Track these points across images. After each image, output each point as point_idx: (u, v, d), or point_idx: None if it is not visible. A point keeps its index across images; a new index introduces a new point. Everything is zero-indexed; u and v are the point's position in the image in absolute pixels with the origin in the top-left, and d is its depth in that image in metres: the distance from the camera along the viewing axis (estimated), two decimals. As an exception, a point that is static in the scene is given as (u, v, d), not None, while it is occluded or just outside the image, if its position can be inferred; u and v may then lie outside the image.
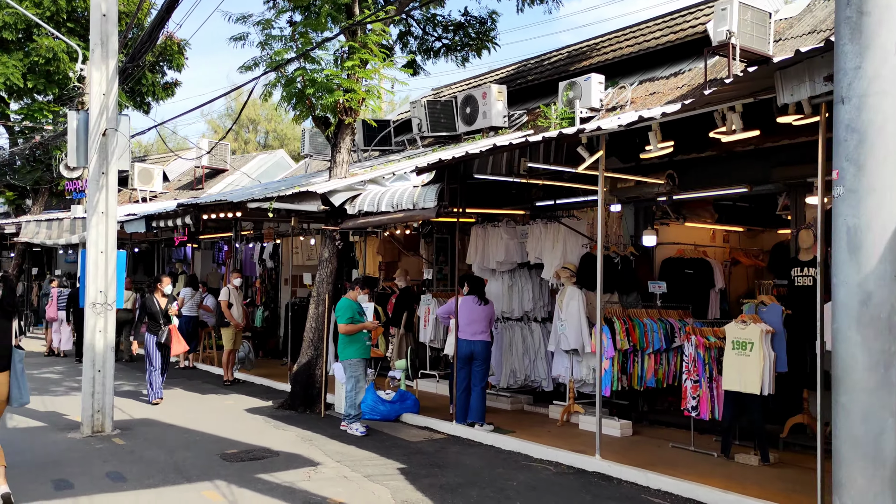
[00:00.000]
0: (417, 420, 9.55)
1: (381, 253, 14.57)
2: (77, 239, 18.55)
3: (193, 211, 13.19)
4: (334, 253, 10.61)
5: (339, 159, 10.76)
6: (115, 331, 8.99)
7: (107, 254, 8.89)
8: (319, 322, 10.38)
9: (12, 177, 21.55)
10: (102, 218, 8.90)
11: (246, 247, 19.72)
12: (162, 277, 11.32)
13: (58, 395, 11.59)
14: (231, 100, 41.76)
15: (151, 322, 10.88)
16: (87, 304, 8.81)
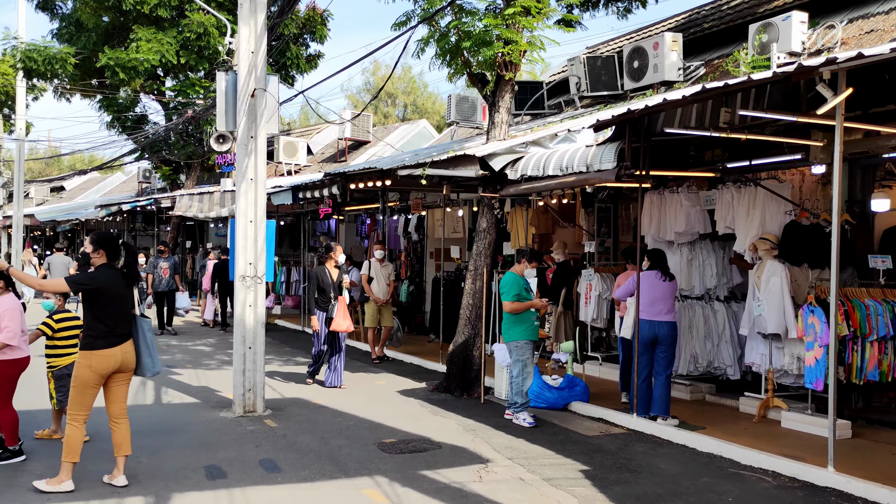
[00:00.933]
0: (588, 410, 8.45)
1: (535, 224, 13.46)
2: (227, 212, 18.65)
3: (341, 180, 12.60)
4: (493, 223, 9.63)
5: (497, 119, 9.72)
6: (263, 305, 8.44)
7: (256, 223, 8.32)
8: (477, 298, 9.45)
9: (168, 152, 22.03)
10: (251, 185, 8.32)
11: (390, 219, 19.20)
12: (335, 246, 10.22)
13: (210, 368, 11.35)
14: (370, 74, 41.76)
15: (321, 296, 9.86)
16: (237, 276, 8.28)
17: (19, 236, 25.40)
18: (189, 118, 18.85)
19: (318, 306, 9.82)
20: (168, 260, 15.49)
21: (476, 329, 9.42)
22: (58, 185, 39.90)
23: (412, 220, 17.88)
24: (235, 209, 8.40)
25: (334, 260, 10.00)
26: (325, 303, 9.82)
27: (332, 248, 10.13)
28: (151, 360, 5.87)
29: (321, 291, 9.83)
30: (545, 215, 13.62)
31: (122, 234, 28.10)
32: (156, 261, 15.37)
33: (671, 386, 7.84)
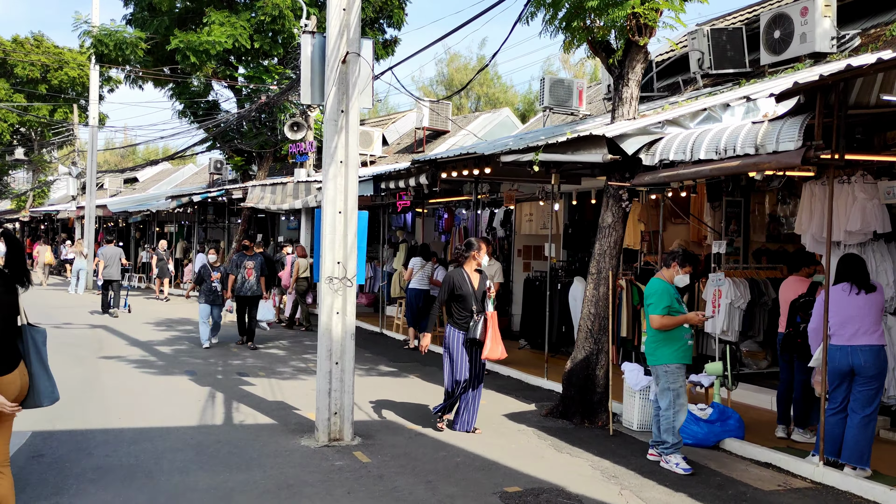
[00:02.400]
0: (749, 450, 6.77)
1: (644, 220, 11.77)
2: (300, 204, 17.46)
3: (430, 168, 11.16)
4: (620, 217, 8.01)
5: (626, 95, 8.09)
6: (354, 312, 7.01)
7: (346, 215, 6.91)
8: (601, 307, 7.86)
9: (240, 141, 21.01)
10: (341, 169, 6.90)
11: (473, 213, 17.72)
12: (476, 243, 7.56)
13: (285, 377, 10.05)
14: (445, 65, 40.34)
15: (457, 308, 7.37)
16: (322, 277, 6.89)
17: (91, 227, 24.85)
18: (262, 105, 17.71)
19: (454, 322, 7.37)
20: (254, 259, 12.84)
21: (600, 344, 7.83)
22: (131, 177, 39.73)
23: (498, 215, 16.35)
24: (322, 197, 7.00)
25: (476, 261, 7.52)
26: (465, 318, 7.32)
27: (472, 246, 7.54)
28: (50, 385, 4.33)
29: (457, 301, 7.37)
30: (655, 210, 11.90)
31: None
32: (239, 259, 12.86)
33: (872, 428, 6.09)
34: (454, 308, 7.37)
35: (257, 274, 12.71)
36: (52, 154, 39.44)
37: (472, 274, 7.43)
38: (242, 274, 12.61)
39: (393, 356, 12.02)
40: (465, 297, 7.32)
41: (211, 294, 12.32)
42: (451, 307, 7.39)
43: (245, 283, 12.60)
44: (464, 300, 7.33)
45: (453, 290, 7.35)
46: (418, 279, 12.78)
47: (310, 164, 18.77)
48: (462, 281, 7.37)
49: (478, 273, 7.49)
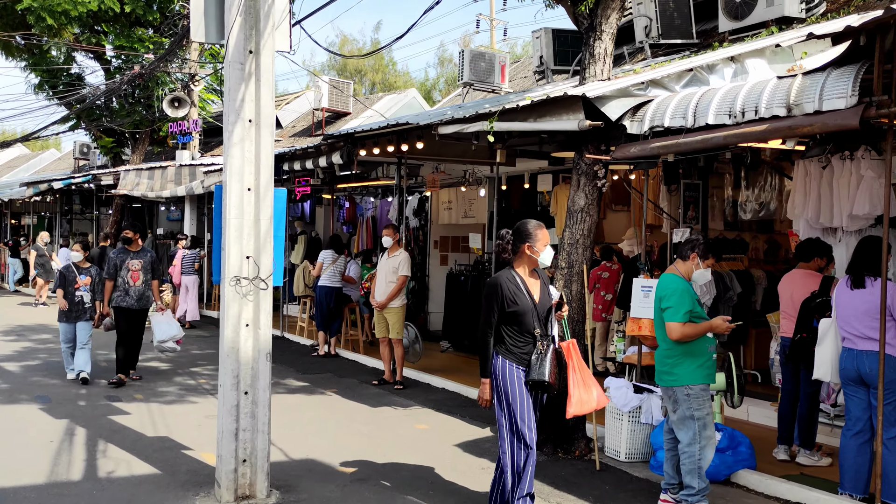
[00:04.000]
0: (769, 485, 5.45)
1: (583, 207, 10.39)
2: (183, 191, 15.14)
3: (345, 145, 9.35)
4: (595, 199, 6.53)
5: (598, 50, 6.61)
6: (269, 323, 5.18)
7: (258, 192, 5.06)
8: (575, 310, 6.36)
9: (109, 119, 18.28)
10: (250, 130, 5.05)
11: (382, 201, 15.98)
12: (534, 231, 4.70)
13: (168, 399, 7.99)
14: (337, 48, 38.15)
15: (512, 330, 4.58)
16: (225, 277, 5.02)
17: (-70, 219, 21.28)
18: (136, 76, 15.21)
19: (509, 353, 4.57)
20: (141, 256, 8.93)
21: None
22: (-19, 164, 35.23)
23: (411, 202, 14.69)
24: (224, 171, 5.11)
25: (531, 258, 4.69)
26: (524, 347, 4.57)
27: (525, 234, 4.71)
28: None
29: (511, 321, 4.57)
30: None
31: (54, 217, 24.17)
32: (120, 257, 8.83)
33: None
34: (506, 332, 4.57)
35: (146, 277, 8.90)
36: None
37: (529, 278, 4.68)
38: (125, 278, 8.76)
39: (302, 366, 10.15)
40: (522, 315, 4.52)
41: (75, 308, 8.81)
42: (502, 330, 4.58)
43: (130, 291, 8.76)
44: (521, 319, 4.52)
45: (504, 304, 4.53)
46: (329, 275, 10.94)
47: (194, 147, 16.42)
48: (516, 289, 4.56)
49: (536, 276, 4.75)
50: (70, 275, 8.85)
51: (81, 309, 8.81)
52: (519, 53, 34.97)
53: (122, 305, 8.75)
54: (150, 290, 8.93)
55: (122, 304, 8.74)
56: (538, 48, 11.68)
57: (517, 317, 4.53)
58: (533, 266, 4.74)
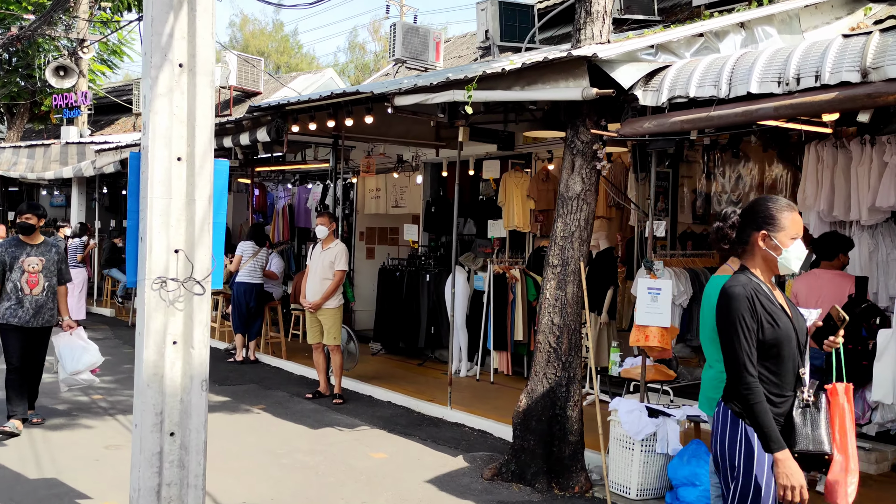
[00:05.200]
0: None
1: (534, 195, 9.47)
2: (70, 172, 13.13)
3: (274, 120, 7.92)
4: (593, 183, 5.45)
5: (596, 8, 5.52)
6: (206, 341, 3.81)
7: (192, 163, 3.68)
8: (570, 316, 5.28)
9: (-20, 90, 15.86)
10: (181, 77, 3.66)
11: (300, 188, 14.48)
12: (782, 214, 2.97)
13: (54, 423, 6.38)
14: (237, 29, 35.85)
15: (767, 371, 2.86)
16: (146, 279, 3.63)
17: None
18: (12, 39, 13.03)
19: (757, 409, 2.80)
20: (44, 251, 6.22)
21: (571, 369, 5.24)
22: None
23: (331, 190, 13.28)
24: (144, 133, 3.69)
25: (771, 256, 2.96)
26: (783, 403, 2.86)
27: (769, 219, 2.96)
28: None
29: (768, 357, 2.86)
30: (546, 183, 9.65)
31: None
32: (10, 252, 6.09)
33: None
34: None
35: (50, 282, 6.16)
36: None
37: (775, 291, 2.99)
38: (18, 282, 6.02)
39: (218, 375, 8.64)
40: (783, 346, 2.86)
41: None
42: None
43: (25, 302, 6.02)
44: (781, 353, 2.87)
45: (759, 330, 2.84)
46: (249, 270, 9.46)
47: (83, 122, 14.35)
48: (770, 304, 2.89)
49: (772, 283, 3.05)
50: None
51: None
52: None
53: (11, 323, 5.92)
54: (54, 301, 6.17)
55: (11, 320, 5.92)
56: (483, 21, 10.58)
57: (776, 349, 2.83)
58: (772, 268, 2.97)
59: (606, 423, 5.14)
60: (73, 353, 5.97)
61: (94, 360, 6.03)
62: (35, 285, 6.05)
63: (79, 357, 5.98)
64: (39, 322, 6.09)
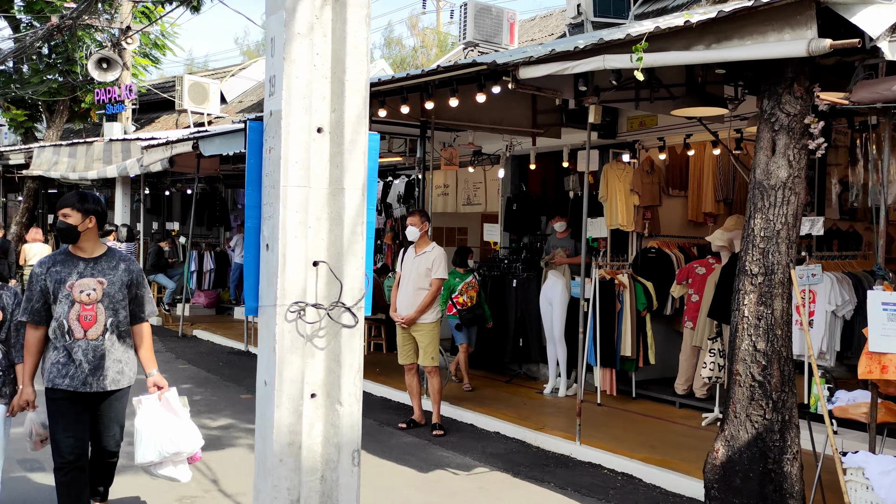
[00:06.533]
0: None
1: (638, 189, 8.23)
2: (115, 171, 12.10)
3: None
4: (802, 168, 4.22)
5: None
6: (360, 395, 2.65)
7: (341, 138, 2.52)
8: (781, 340, 4.05)
9: (19, 87, 14.88)
10: (324, 8, 2.50)
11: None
12: None
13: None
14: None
15: None
16: (273, 305, 2.47)
17: None
18: (52, 29, 12.01)
19: None
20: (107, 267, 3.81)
21: (784, 410, 3.99)
22: None
23: (397, 187, 12.14)
24: (274, 93, 2.53)
25: None
26: None
27: None
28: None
29: None
30: (650, 176, 8.43)
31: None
32: (57, 272, 3.72)
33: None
34: None
35: (117, 318, 3.83)
36: None
37: None
38: (66, 322, 3.70)
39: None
40: None
41: None
42: None
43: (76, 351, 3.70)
44: None
45: None
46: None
47: (126, 118, 13.33)
48: None
49: None
50: None
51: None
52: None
53: (59, 386, 3.69)
54: (125, 348, 3.85)
55: (59, 382, 3.69)
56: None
57: None
58: None
59: (831, 480, 3.90)
60: (158, 433, 3.79)
61: (189, 446, 3.86)
62: (91, 323, 3.68)
63: (167, 439, 3.79)
64: (102, 383, 3.72)
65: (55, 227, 3.99)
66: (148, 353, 3.93)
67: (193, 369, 8.70)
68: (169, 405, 3.86)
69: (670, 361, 7.81)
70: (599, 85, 5.48)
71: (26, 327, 3.74)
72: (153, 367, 3.92)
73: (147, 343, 3.94)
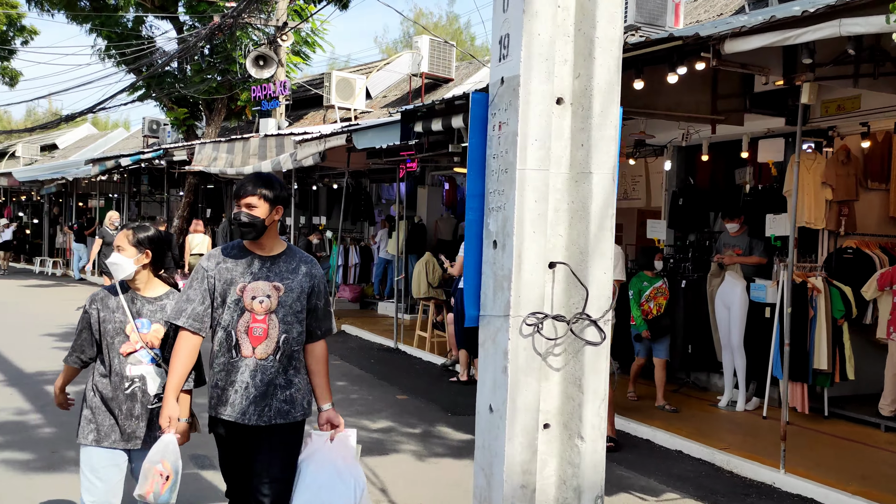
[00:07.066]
0: None
1: (831, 182, 7.24)
2: (269, 166, 12.28)
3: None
4: None
5: None
6: (601, 426, 2.16)
7: (586, 110, 2.03)
8: None
9: (182, 86, 15.55)
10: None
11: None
12: None
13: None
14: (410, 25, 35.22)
15: None
16: (502, 315, 2.01)
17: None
18: (215, 29, 12.35)
19: None
20: (286, 269, 2.99)
21: None
22: (49, 143, 33.22)
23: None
24: (499, 61, 2.08)
25: None
26: None
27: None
28: None
29: None
30: (845, 167, 7.42)
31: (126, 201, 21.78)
32: (226, 271, 2.96)
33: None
34: None
35: (290, 334, 2.97)
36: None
37: None
38: (234, 334, 2.93)
39: (444, 400, 7.18)
40: None
41: (120, 410, 3.01)
42: None
43: (243, 375, 2.92)
44: None
45: None
46: (474, 274, 7.92)
47: (280, 114, 13.56)
48: None
49: None
50: (107, 315, 3.04)
51: (137, 415, 3.03)
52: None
53: (221, 416, 2.95)
54: (297, 374, 3.01)
55: (221, 411, 2.95)
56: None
57: None
58: None
59: None
60: (315, 488, 2.90)
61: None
62: (262, 339, 2.89)
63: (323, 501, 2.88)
64: (266, 415, 2.92)
65: (234, 221, 2.93)
66: (323, 381, 3.05)
67: (346, 366, 8.55)
68: (341, 449, 2.97)
69: (867, 377, 6.86)
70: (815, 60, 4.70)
71: (179, 334, 2.91)
72: (327, 400, 3.04)
73: (323, 367, 3.06)
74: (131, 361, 3.01)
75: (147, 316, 3.05)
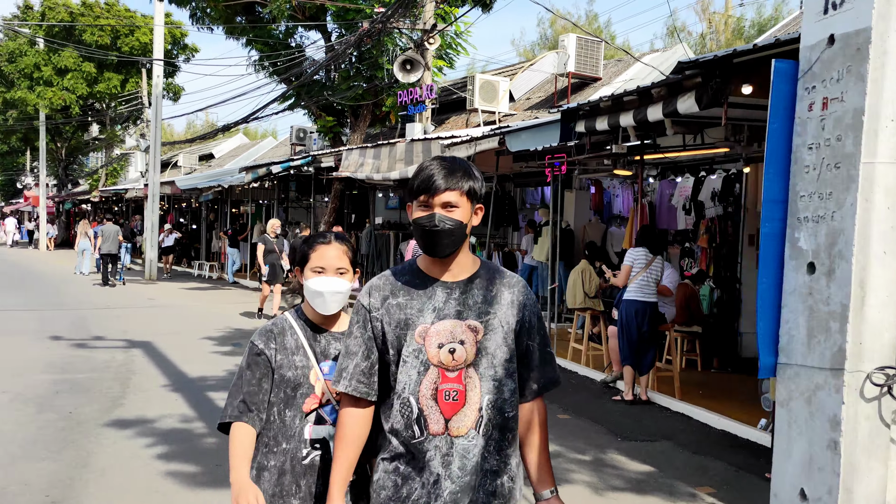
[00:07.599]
0: None
1: None
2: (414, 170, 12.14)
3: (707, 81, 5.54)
4: None
5: None
6: None
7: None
8: None
9: (330, 94, 15.75)
10: None
11: (663, 182, 12.07)
12: None
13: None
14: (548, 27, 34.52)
15: None
16: (839, 367, 1.44)
17: (155, 207, 20.20)
18: (363, 35, 12.31)
19: None
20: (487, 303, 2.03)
21: None
22: (206, 153, 35.30)
23: (712, 182, 10.65)
24: (842, 8, 1.53)
25: None
26: None
27: None
28: None
29: None
30: None
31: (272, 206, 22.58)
32: (397, 308, 2.01)
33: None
34: None
35: (501, 395, 2.03)
36: (126, 130, 35.49)
37: None
38: (415, 396, 1.98)
39: (612, 422, 6.54)
40: None
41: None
42: None
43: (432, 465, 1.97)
44: None
45: None
46: (641, 284, 7.23)
47: (426, 118, 13.38)
48: None
49: None
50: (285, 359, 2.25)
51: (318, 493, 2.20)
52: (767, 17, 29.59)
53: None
54: (511, 447, 2.07)
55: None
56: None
57: None
58: None
59: None
60: None
61: None
62: (458, 406, 1.99)
63: None
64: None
65: (424, 229, 1.97)
66: (543, 458, 2.11)
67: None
68: None
69: None
70: None
71: (342, 402, 2.08)
72: (549, 484, 2.08)
73: (541, 438, 2.12)
74: (312, 420, 2.20)
75: (334, 357, 2.23)
